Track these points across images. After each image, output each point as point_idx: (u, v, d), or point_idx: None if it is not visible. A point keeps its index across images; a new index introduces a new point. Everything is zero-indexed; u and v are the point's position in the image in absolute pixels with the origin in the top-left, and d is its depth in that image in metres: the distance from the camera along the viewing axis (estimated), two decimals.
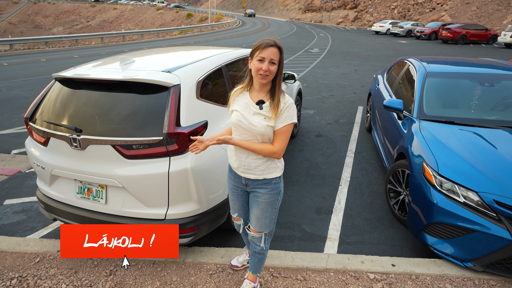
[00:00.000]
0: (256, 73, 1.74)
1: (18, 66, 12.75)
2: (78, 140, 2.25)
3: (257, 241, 2.06)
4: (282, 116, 1.78)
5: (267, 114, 1.78)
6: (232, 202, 2.13)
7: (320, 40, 23.10)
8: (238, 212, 2.14)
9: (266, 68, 1.70)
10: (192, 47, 3.73)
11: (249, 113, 1.82)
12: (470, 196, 2.42)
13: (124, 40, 24.41)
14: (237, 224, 2.21)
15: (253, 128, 1.79)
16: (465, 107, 3.52)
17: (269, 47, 1.70)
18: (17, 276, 2.41)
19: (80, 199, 2.44)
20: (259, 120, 1.79)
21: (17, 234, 3.03)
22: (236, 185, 2.04)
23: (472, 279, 2.40)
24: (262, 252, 2.11)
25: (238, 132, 1.86)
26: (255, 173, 1.90)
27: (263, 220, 1.98)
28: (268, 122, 1.78)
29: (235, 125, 1.86)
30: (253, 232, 2.05)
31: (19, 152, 4.86)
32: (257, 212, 1.97)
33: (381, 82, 5.29)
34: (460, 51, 18.78)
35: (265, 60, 1.70)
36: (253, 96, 1.85)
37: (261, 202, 1.94)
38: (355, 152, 4.82)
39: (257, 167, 1.88)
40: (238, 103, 1.88)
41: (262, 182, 1.92)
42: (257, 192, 1.95)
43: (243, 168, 1.91)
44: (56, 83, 2.59)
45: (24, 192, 3.78)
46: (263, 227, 2.00)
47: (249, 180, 1.94)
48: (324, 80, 10.06)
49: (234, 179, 2.04)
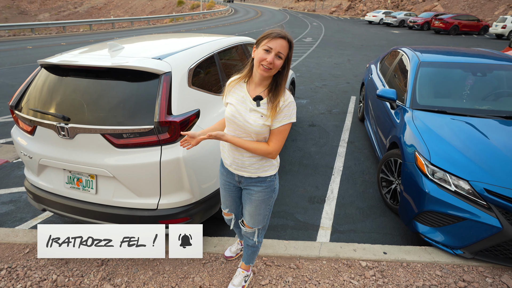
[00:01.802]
0: (258, 63, 1.58)
1: (3, 53, 12.36)
2: (66, 129, 2.19)
3: (250, 236, 2.03)
4: (281, 115, 1.63)
5: (264, 112, 1.64)
6: (223, 197, 2.07)
7: (313, 30, 22.91)
8: (229, 207, 2.08)
9: (271, 60, 1.54)
10: (183, 34, 3.64)
11: (245, 108, 1.67)
12: (461, 184, 2.44)
13: (114, 28, 23.82)
14: (228, 219, 2.17)
15: (248, 126, 1.65)
16: (458, 96, 3.53)
17: (279, 38, 1.54)
18: (6, 267, 2.37)
19: (69, 189, 2.39)
20: (255, 118, 1.64)
21: (5, 225, 2.97)
22: (228, 181, 1.95)
23: (461, 265, 2.45)
24: (256, 246, 2.10)
25: (232, 128, 1.73)
26: (249, 171, 1.80)
27: (256, 216, 1.92)
28: (265, 121, 1.63)
29: (229, 120, 1.73)
30: (246, 228, 2.01)
31: (6, 142, 4.74)
32: (250, 209, 1.90)
33: (374, 72, 5.28)
34: (452, 41, 18.86)
35: (271, 52, 1.54)
36: (251, 90, 1.70)
37: (255, 200, 1.87)
38: (347, 142, 4.84)
39: (251, 165, 1.77)
40: (234, 95, 1.73)
41: (256, 180, 1.82)
42: (250, 190, 1.87)
43: (236, 166, 1.81)
44: (42, 70, 2.50)
45: (12, 182, 3.70)
46: (256, 223, 1.96)
47: (242, 178, 1.85)
48: (317, 69, 10.01)
49: (226, 175, 1.94)
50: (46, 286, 2.20)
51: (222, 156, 1.92)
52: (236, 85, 1.75)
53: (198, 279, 2.28)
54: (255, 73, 1.65)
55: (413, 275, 2.36)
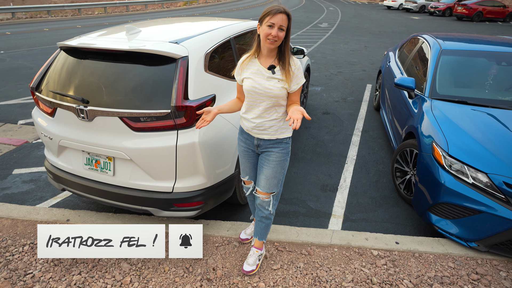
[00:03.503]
0: (265, 38, 1.81)
1: (21, 35, 12.55)
2: (85, 111, 2.23)
3: (265, 205, 2.12)
4: (296, 78, 1.90)
5: (280, 78, 1.89)
6: (243, 165, 2.20)
7: (329, 15, 22.32)
8: (249, 174, 2.21)
9: (275, 33, 1.78)
10: (199, 17, 3.60)
11: (262, 78, 1.91)
12: (479, 177, 2.39)
13: (128, 11, 23.76)
14: (247, 187, 2.28)
15: (269, 92, 1.89)
16: (480, 86, 3.42)
17: (278, 14, 1.77)
18: (29, 243, 2.48)
19: (88, 170, 2.45)
20: (273, 83, 1.89)
21: (26, 203, 3.09)
22: (247, 147, 2.12)
23: (475, 258, 2.43)
24: (269, 217, 2.17)
25: (253, 98, 1.95)
26: (268, 133, 2.00)
27: (272, 180, 2.05)
28: (283, 84, 1.89)
29: (249, 91, 1.94)
30: (261, 195, 2.10)
31: (26, 123, 4.87)
32: (267, 171, 2.05)
33: (393, 60, 5.14)
34: (475, 28, 18.10)
35: (274, 26, 1.78)
36: (262, 62, 1.93)
37: (272, 160, 2.03)
38: (362, 131, 4.77)
39: (271, 127, 1.98)
40: (249, 70, 1.95)
41: (274, 142, 2.02)
42: (269, 151, 2.05)
43: (257, 130, 2.00)
44: (61, 52, 2.53)
45: (32, 162, 3.82)
46: (271, 187, 2.07)
47: (261, 141, 2.04)
48: (332, 56, 9.81)
49: (245, 141, 2.12)
50: (66, 262, 2.30)
51: (242, 123, 2.10)
52: (249, 62, 1.97)
53: (211, 261, 2.34)
54: (263, 47, 1.89)
55: (425, 265, 2.36)
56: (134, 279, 2.17)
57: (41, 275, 2.19)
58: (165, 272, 2.24)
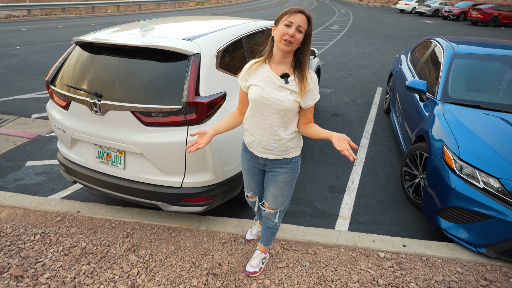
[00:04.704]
0: (280, 38, 1.59)
1: (36, 32, 12.81)
2: (98, 105, 2.27)
3: (271, 217, 2.05)
4: (312, 93, 1.71)
5: (293, 89, 1.67)
6: (247, 181, 2.08)
7: (341, 17, 22.23)
8: (253, 191, 2.10)
9: (292, 32, 1.56)
10: (211, 16, 3.63)
11: (272, 87, 1.69)
12: (491, 182, 2.36)
13: (140, 10, 24.07)
14: (252, 201, 2.20)
15: (278, 104, 1.67)
16: (493, 91, 3.37)
17: (298, 13, 1.58)
18: (40, 232, 2.53)
19: (99, 163, 2.50)
20: (285, 94, 1.67)
21: (38, 194, 3.16)
22: (252, 165, 1.96)
23: (484, 264, 2.39)
24: (275, 227, 2.13)
25: (259, 110, 1.73)
26: (275, 154, 1.81)
27: (280, 198, 1.94)
28: (296, 97, 1.67)
29: (256, 101, 1.72)
30: (268, 209, 2.03)
31: (39, 117, 4.98)
32: (274, 190, 1.92)
33: (404, 62, 5.09)
34: (490, 33, 17.79)
35: (292, 25, 1.57)
36: (274, 69, 1.71)
37: (280, 181, 1.88)
38: (371, 134, 4.74)
39: (278, 148, 1.79)
40: (257, 77, 1.73)
41: (282, 162, 1.85)
42: (275, 172, 1.88)
43: (262, 148, 1.81)
44: (77, 48, 2.58)
45: (44, 155, 3.90)
46: (279, 205, 1.98)
47: (267, 161, 1.87)
48: (343, 58, 9.76)
49: (250, 159, 1.94)
50: (76, 252, 2.34)
51: (246, 140, 1.90)
52: (258, 67, 1.76)
53: (218, 257, 2.35)
54: (275, 51, 1.68)
55: (433, 269, 2.33)
56: (142, 271, 2.20)
57: (51, 263, 2.24)
58: (172, 266, 2.26)
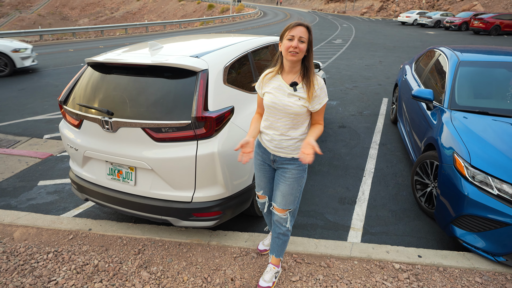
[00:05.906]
0: (286, 51, 1.82)
1: (47, 56, 13.23)
2: (110, 123, 2.33)
3: (283, 222, 2.08)
4: (319, 98, 1.89)
5: (301, 95, 1.88)
6: (258, 179, 2.18)
7: (343, 31, 22.54)
8: (263, 189, 2.19)
9: (295, 44, 1.78)
10: (217, 34, 3.74)
11: (283, 94, 1.90)
12: (505, 188, 2.32)
13: (147, 31, 24.78)
14: (262, 202, 2.24)
15: (288, 109, 1.88)
16: (500, 97, 3.35)
17: (297, 26, 1.80)
18: (53, 251, 2.54)
19: (110, 180, 2.53)
20: (294, 100, 1.88)
21: (50, 212, 3.19)
22: (263, 161, 2.11)
23: (504, 273, 2.32)
24: (287, 234, 2.14)
25: (272, 114, 1.94)
26: (285, 152, 1.99)
27: (288, 196, 2.02)
28: (304, 103, 1.88)
29: (269, 106, 1.94)
30: (278, 212, 2.07)
31: (51, 137, 5.08)
32: (283, 188, 2.02)
33: (409, 72, 5.12)
34: (493, 42, 17.82)
35: (294, 38, 1.79)
36: (285, 78, 1.93)
37: (288, 177, 2.01)
38: (379, 144, 4.72)
39: (288, 147, 1.97)
40: (270, 85, 1.96)
41: (291, 159, 2.00)
42: (284, 168, 2.03)
43: (274, 147, 2.00)
44: (88, 68, 2.67)
45: (56, 174, 3.96)
46: (288, 204, 2.04)
47: (277, 157, 2.02)
48: (347, 71, 9.85)
49: (262, 155, 2.10)
50: (88, 270, 2.34)
51: (260, 137, 2.09)
52: (272, 77, 1.98)
53: (230, 272, 2.33)
54: (285, 63, 1.91)
55: (451, 280, 2.27)
56: None
57: (64, 282, 2.24)
58: (184, 282, 2.25)
